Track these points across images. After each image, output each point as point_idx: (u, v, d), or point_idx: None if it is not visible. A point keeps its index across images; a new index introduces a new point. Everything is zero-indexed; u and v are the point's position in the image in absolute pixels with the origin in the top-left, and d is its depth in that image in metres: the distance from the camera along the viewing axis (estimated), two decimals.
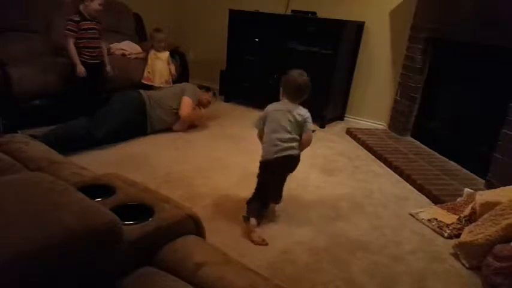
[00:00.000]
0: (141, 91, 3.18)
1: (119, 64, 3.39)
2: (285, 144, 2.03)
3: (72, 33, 2.86)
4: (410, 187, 2.62)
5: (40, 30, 3.41)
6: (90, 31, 2.93)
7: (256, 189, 2.08)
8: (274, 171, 2.09)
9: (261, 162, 2.10)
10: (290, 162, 2.10)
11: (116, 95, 3.03)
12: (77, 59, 2.89)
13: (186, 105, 3.24)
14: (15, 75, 2.82)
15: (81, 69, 2.90)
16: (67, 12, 3.08)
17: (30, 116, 2.91)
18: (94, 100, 2.97)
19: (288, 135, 2.03)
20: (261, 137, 2.12)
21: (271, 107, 2.07)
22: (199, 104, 3.45)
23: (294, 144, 2.06)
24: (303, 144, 2.10)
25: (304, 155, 3.07)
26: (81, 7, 2.87)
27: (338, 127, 3.83)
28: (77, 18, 2.86)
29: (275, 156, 2.03)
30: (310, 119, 2.09)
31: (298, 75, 2.08)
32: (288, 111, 2.04)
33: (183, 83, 3.57)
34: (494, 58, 2.68)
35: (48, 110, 3.01)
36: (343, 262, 1.78)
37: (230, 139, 3.23)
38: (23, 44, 3.22)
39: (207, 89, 3.63)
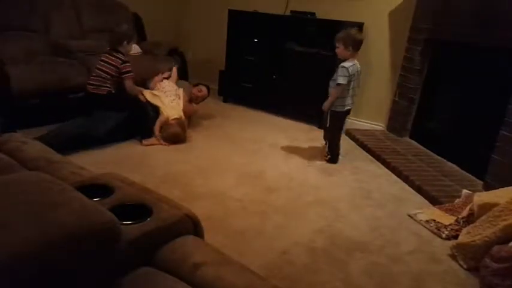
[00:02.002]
0: None
1: None
2: (354, 99, 2.88)
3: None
4: (409, 188, 2.62)
5: (39, 29, 3.40)
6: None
7: (338, 135, 2.93)
8: (344, 120, 2.93)
9: (339, 112, 2.81)
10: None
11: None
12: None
13: (182, 98, 3.24)
14: (14, 75, 2.81)
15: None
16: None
17: (28, 116, 2.91)
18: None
19: (357, 91, 2.88)
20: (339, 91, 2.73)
21: (351, 67, 2.69)
22: (191, 99, 3.46)
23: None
24: None
25: (303, 155, 3.09)
26: (122, 49, 2.97)
27: None
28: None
29: (349, 108, 2.86)
30: None
31: (359, 32, 2.87)
32: (359, 71, 2.77)
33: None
34: (493, 59, 2.69)
35: (47, 110, 3.01)
36: (342, 262, 1.79)
37: (229, 139, 3.23)
38: (22, 43, 3.21)
39: (202, 85, 3.63)
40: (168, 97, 3.15)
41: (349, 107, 2.86)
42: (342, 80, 2.67)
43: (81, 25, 3.70)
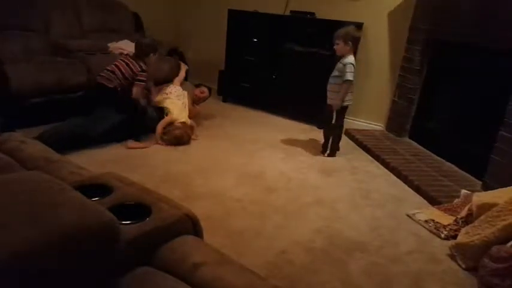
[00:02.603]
0: None
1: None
2: None
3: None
4: (408, 188, 2.63)
5: (39, 29, 3.40)
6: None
7: (342, 130, 3.09)
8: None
9: (344, 107, 2.93)
10: None
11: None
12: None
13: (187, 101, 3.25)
14: (13, 74, 2.81)
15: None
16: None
17: (28, 115, 2.90)
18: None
19: None
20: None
21: (354, 62, 2.81)
22: (193, 100, 3.46)
23: None
24: None
25: (303, 155, 3.09)
26: (147, 60, 3.07)
27: None
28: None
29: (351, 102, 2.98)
30: None
31: (357, 29, 2.94)
32: None
33: None
34: (492, 60, 2.69)
35: (46, 109, 3.00)
36: (341, 262, 1.79)
37: (228, 139, 3.23)
38: (22, 42, 3.21)
39: (204, 86, 3.63)
40: (179, 100, 3.16)
41: (351, 102, 2.99)
42: (350, 76, 2.79)
43: (81, 25, 3.70)
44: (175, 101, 3.13)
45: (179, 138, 2.96)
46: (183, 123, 3.03)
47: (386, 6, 3.57)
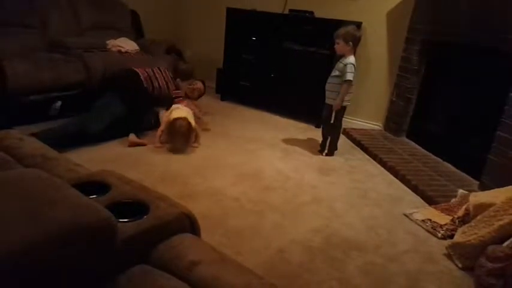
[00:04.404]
0: None
1: (115, 61, 3.37)
2: None
3: None
4: (405, 187, 2.63)
5: (36, 25, 3.38)
6: None
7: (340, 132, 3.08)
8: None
9: (344, 107, 2.93)
10: None
11: (109, 91, 3.01)
12: None
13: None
14: (10, 71, 2.79)
15: None
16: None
17: (25, 112, 2.89)
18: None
19: None
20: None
21: (355, 63, 2.81)
22: (187, 95, 3.42)
23: None
24: None
25: (301, 154, 3.10)
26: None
27: None
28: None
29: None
30: None
31: (357, 28, 2.94)
32: None
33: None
34: (490, 60, 2.70)
35: (44, 107, 2.99)
36: (338, 262, 1.79)
37: (227, 138, 3.23)
38: (20, 40, 3.19)
39: (195, 80, 3.58)
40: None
41: (349, 103, 3.00)
42: (350, 77, 2.79)
43: (79, 22, 3.68)
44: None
45: (177, 149, 2.81)
46: (184, 118, 2.83)
47: (385, 6, 3.57)
